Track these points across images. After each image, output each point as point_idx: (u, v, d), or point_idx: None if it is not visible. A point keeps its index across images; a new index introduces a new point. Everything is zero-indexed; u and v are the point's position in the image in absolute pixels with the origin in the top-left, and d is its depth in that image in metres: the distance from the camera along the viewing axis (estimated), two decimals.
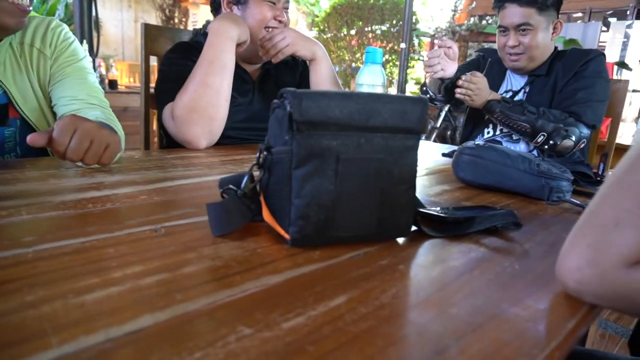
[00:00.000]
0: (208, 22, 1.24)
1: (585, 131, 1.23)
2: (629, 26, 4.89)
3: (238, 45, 1.06)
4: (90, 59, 3.14)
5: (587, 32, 4.51)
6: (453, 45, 1.26)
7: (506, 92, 1.41)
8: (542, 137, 1.21)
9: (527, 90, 1.37)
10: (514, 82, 1.42)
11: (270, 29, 1.15)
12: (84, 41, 2.91)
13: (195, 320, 0.33)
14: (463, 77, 1.26)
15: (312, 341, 0.32)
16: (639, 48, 4.86)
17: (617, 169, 0.41)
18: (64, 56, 0.95)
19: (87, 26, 2.92)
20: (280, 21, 1.15)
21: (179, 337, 0.31)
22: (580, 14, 5.24)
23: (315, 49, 1.18)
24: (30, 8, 0.86)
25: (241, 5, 1.15)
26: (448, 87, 1.31)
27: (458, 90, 1.27)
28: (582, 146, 1.24)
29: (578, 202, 0.76)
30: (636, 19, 4.91)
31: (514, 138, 1.37)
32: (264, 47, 1.13)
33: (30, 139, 0.63)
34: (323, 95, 0.45)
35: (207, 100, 1.00)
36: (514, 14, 1.28)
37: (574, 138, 1.20)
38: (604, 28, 4.88)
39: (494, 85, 1.38)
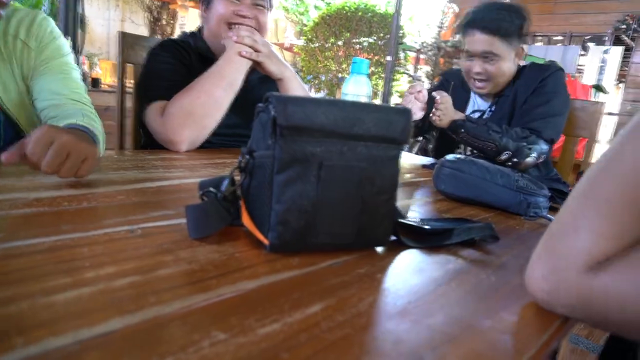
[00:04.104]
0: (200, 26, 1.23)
1: (545, 147, 1.26)
2: (606, 51, 5.06)
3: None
4: (75, 56, 3.09)
5: (566, 55, 4.65)
6: (422, 90, 1.29)
7: (473, 112, 1.43)
8: (506, 155, 1.23)
9: (492, 109, 1.40)
10: (480, 103, 1.44)
11: (235, 26, 1.10)
12: (68, 38, 2.86)
13: (167, 324, 0.32)
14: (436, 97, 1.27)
15: (287, 348, 0.31)
16: (614, 73, 5.03)
17: (578, 184, 0.42)
18: (49, 50, 0.93)
19: (71, 23, 2.88)
20: (243, 16, 1.10)
21: (150, 341, 0.30)
22: (560, 37, 5.40)
23: (284, 69, 1.14)
24: (8, 0, 0.84)
25: (207, 7, 1.14)
26: (419, 125, 1.36)
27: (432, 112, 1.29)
28: (541, 160, 1.28)
29: (554, 218, 0.77)
30: (613, 44, 5.09)
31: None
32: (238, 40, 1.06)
33: (4, 158, 0.59)
34: (308, 101, 0.45)
35: (207, 110, 1.00)
36: (478, 41, 1.29)
37: (535, 155, 1.24)
38: (583, 52, 5.04)
39: (460, 106, 1.41)
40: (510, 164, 1.24)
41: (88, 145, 0.66)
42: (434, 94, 1.28)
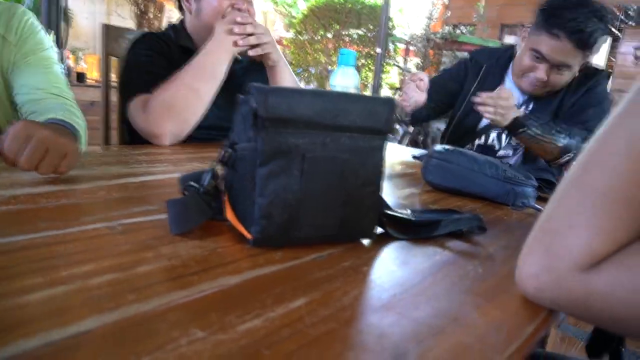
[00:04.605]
0: (181, 18, 1.21)
1: None
2: None
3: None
4: (57, 50, 3.03)
5: None
6: (424, 78, 1.20)
7: None
8: (567, 157, 1.10)
9: (530, 107, 1.27)
10: (516, 95, 1.27)
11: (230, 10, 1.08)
12: (51, 32, 2.81)
13: (146, 322, 0.31)
14: (484, 95, 1.12)
15: (268, 344, 0.30)
16: (602, 63, 5.07)
17: (569, 172, 0.41)
18: (29, 44, 0.91)
19: (54, 16, 2.82)
20: (239, 9, 1.08)
21: (126, 340, 0.29)
22: None
23: (281, 55, 1.15)
24: None
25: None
26: (416, 114, 1.28)
27: (483, 109, 1.12)
28: None
29: (541, 207, 0.77)
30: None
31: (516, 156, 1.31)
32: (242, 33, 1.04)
33: None
34: (290, 91, 0.44)
35: (188, 103, 0.98)
36: (563, 51, 1.12)
37: None
38: None
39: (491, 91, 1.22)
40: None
41: (68, 141, 0.64)
42: (494, 92, 1.12)
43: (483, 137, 1.35)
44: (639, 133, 0.37)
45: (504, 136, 1.32)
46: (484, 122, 1.33)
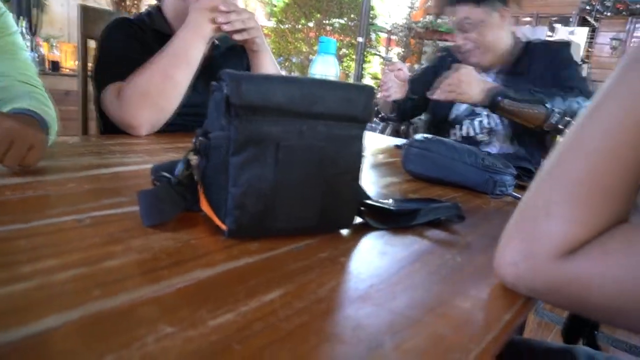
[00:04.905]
0: (156, 4, 1.17)
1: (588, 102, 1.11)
2: (571, 32, 5.16)
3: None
4: (30, 38, 2.92)
5: (534, 36, 4.72)
6: (403, 67, 1.20)
7: None
8: (557, 116, 1.05)
9: (499, 82, 1.25)
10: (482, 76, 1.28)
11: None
12: (23, 18, 2.70)
13: (111, 319, 0.30)
14: (443, 82, 1.14)
15: (240, 339, 0.29)
16: (579, 53, 5.14)
17: (546, 162, 0.41)
18: None
19: (26, 2, 2.71)
20: None
21: (90, 339, 0.28)
22: (528, 18, 5.47)
23: (264, 41, 1.13)
24: None
25: None
26: (401, 106, 1.26)
27: (438, 93, 1.14)
28: None
29: (520, 196, 0.78)
30: (578, 25, 5.19)
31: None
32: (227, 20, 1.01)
33: None
34: (264, 78, 0.43)
35: (163, 90, 0.95)
36: (453, 12, 1.24)
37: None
38: (549, 33, 5.12)
39: None
40: (562, 127, 1.06)
41: (35, 132, 0.61)
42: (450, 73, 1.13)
43: (458, 127, 1.35)
44: (613, 122, 0.37)
45: (476, 122, 1.33)
46: (454, 112, 1.34)
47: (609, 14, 5.21)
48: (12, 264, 0.35)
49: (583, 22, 5.23)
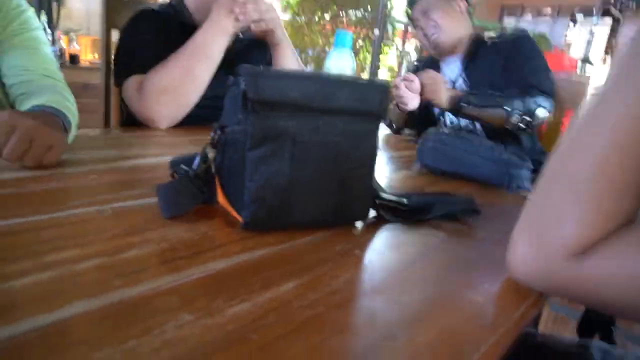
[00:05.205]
0: None
1: (549, 99, 1.20)
2: (594, 23, 5.03)
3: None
4: (50, 32, 2.98)
5: (555, 28, 4.61)
6: (415, 80, 1.24)
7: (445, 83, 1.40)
8: (516, 115, 1.16)
9: (465, 76, 1.37)
10: (449, 73, 1.41)
11: None
12: (43, 12, 2.75)
13: (132, 307, 0.31)
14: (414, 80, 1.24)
15: (255, 329, 0.30)
16: (603, 45, 5.02)
17: (551, 159, 0.40)
18: (15, 24, 0.88)
19: None
20: None
21: (112, 326, 0.29)
22: (549, 10, 5.35)
23: (285, 35, 1.14)
24: None
25: None
26: (415, 115, 1.31)
27: (404, 96, 1.25)
28: (550, 115, 1.22)
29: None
30: (602, 16, 5.05)
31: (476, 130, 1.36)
32: (244, 11, 1.01)
33: None
34: (280, 74, 0.43)
35: (183, 85, 0.96)
36: (415, 9, 1.40)
37: (545, 107, 1.18)
38: (571, 24, 5.00)
39: None
40: (523, 125, 1.17)
41: (55, 131, 0.63)
42: (418, 77, 1.25)
43: (443, 119, 1.41)
44: (619, 120, 0.36)
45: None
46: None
47: (634, 6, 5.06)
48: (37, 254, 0.36)
49: (605, 14, 5.09)
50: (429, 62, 1.47)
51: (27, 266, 0.34)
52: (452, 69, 1.42)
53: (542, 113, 1.18)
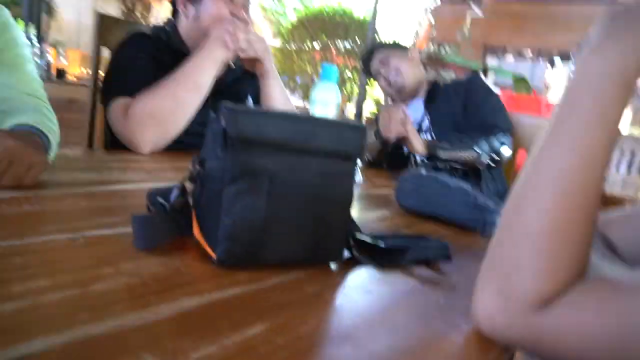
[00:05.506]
0: (170, 20, 1.19)
1: (507, 136, 1.34)
2: (571, 69, 5.23)
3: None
4: (38, 45, 2.97)
5: (535, 71, 4.79)
6: (406, 111, 1.34)
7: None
8: (485, 155, 1.29)
9: (429, 118, 1.51)
10: (414, 114, 1.50)
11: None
12: (31, 25, 2.75)
13: (95, 345, 0.31)
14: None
15: None
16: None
17: (505, 210, 0.42)
18: (1, 41, 0.89)
19: (36, 8, 2.77)
20: (236, 16, 1.09)
21: None
22: (530, 52, 5.56)
23: (273, 67, 1.16)
24: None
25: (195, 2, 1.12)
26: (390, 153, 1.39)
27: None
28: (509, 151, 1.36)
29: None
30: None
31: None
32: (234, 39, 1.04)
33: None
34: (261, 113, 0.45)
35: (170, 112, 0.97)
36: (378, 55, 1.61)
37: (506, 144, 1.32)
38: (549, 67, 5.20)
39: None
40: (493, 164, 1.31)
41: (34, 152, 0.63)
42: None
43: (413, 157, 1.47)
44: (561, 169, 0.38)
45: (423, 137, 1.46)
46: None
47: None
48: (5, 282, 0.36)
49: None
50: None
51: None
52: (417, 109, 1.55)
53: (506, 151, 1.33)
